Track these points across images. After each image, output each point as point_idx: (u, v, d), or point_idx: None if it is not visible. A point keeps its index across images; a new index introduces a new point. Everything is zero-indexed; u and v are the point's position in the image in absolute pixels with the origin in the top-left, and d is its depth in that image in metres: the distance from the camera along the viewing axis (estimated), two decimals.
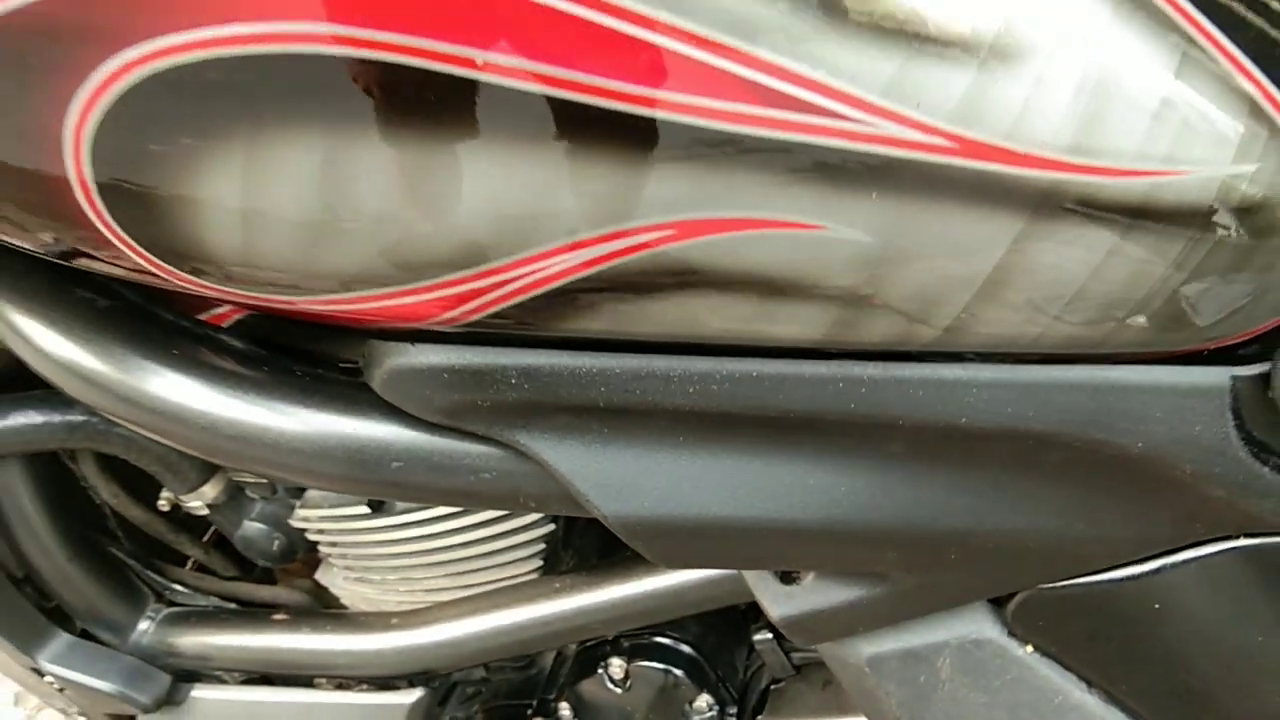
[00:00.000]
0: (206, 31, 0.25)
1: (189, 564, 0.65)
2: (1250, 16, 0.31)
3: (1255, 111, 0.31)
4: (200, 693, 0.60)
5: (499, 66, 0.26)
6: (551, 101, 0.27)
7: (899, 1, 0.27)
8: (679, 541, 0.38)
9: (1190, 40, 0.29)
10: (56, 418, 0.50)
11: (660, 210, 0.29)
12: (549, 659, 0.60)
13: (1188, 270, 0.33)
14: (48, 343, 0.39)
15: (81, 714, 0.65)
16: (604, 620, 0.50)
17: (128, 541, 0.62)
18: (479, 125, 0.27)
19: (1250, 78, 0.30)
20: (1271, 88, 0.31)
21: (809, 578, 0.43)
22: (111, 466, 0.57)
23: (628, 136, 0.27)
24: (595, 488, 0.36)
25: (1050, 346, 0.35)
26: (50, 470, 0.57)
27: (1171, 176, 0.30)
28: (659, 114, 0.27)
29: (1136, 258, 0.32)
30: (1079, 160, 0.29)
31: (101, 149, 0.28)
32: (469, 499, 0.40)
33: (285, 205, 0.29)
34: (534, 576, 0.54)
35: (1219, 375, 0.37)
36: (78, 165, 0.28)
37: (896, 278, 0.31)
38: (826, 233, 0.30)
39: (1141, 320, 0.34)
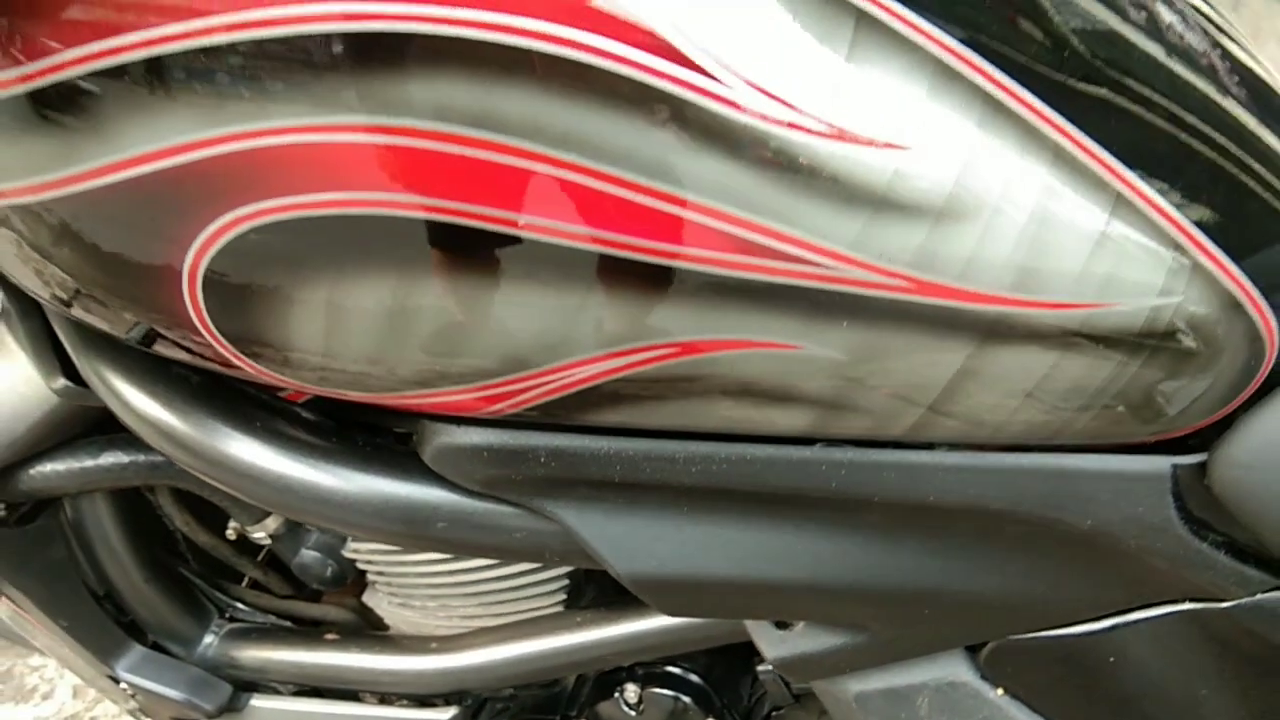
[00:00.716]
0: (300, 198, 0.31)
1: (244, 581, 0.72)
2: (1175, 178, 0.36)
3: (1178, 252, 0.36)
4: (258, 702, 0.67)
5: (537, 227, 0.32)
6: (582, 254, 0.33)
7: (865, 176, 0.32)
8: (683, 595, 0.44)
9: (1119, 195, 0.35)
10: (141, 458, 0.57)
11: (668, 333, 0.35)
12: (571, 679, 0.66)
13: (1122, 382, 0.38)
14: (148, 410, 0.45)
15: (145, 714, 0.72)
16: (619, 652, 0.56)
17: (195, 563, 0.69)
18: (522, 271, 0.33)
19: (1174, 223, 0.36)
20: (1193, 230, 0.36)
21: (800, 625, 0.49)
22: (184, 498, 0.64)
23: (645, 279, 0.33)
24: (611, 549, 0.42)
25: (1006, 438, 0.40)
26: (130, 500, 0.64)
27: (1104, 308, 0.36)
28: (672, 263, 0.33)
29: (1076, 372, 0.37)
30: (1020, 296, 0.35)
31: (211, 279, 0.34)
32: (503, 554, 0.47)
33: (358, 329, 0.35)
34: (558, 609, 0.60)
35: (1161, 463, 0.42)
36: (192, 290, 0.34)
37: (865, 387, 0.37)
38: (804, 351, 0.35)
39: (1087, 419, 0.39)
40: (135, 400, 0.46)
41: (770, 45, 0.31)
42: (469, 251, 0.33)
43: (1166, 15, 0.44)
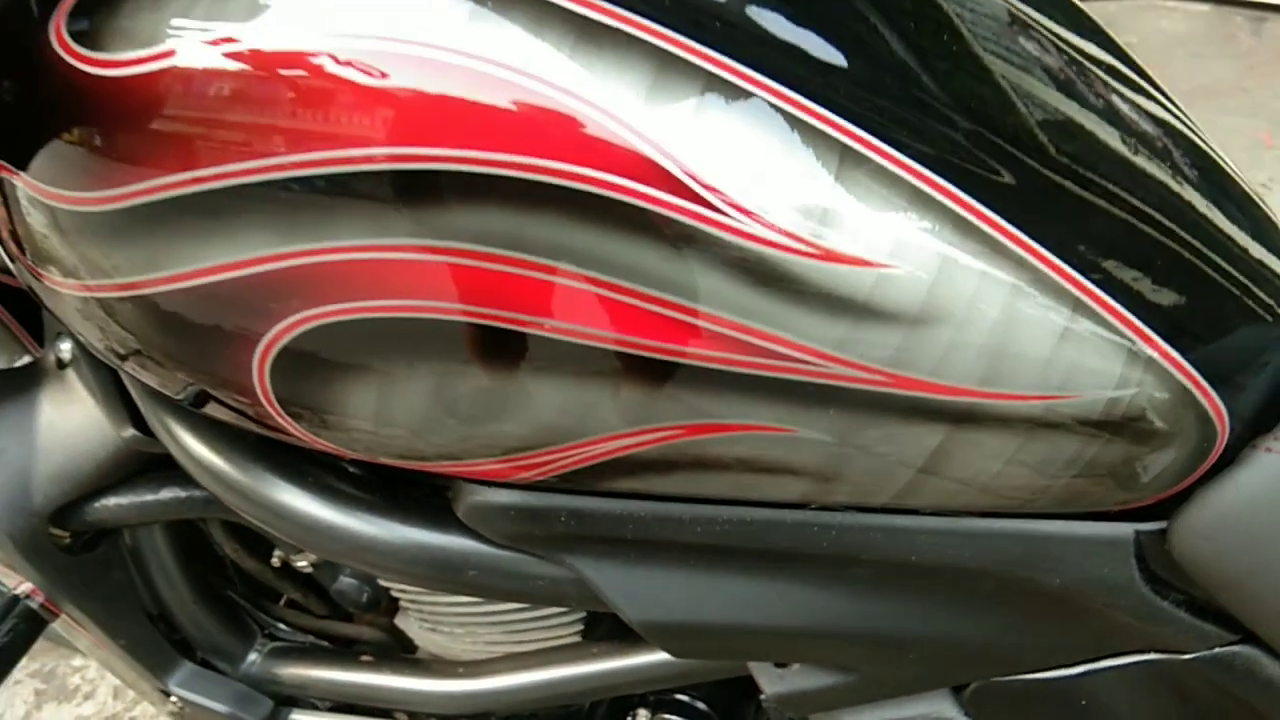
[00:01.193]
0: (358, 303, 0.36)
1: (281, 600, 0.77)
2: (1128, 280, 0.40)
3: (1133, 348, 0.40)
4: (297, 717, 0.72)
5: (561, 329, 0.37)
6: (600, 351, 0.37)
7: (848, 289, 0.37)
8: (688, 639, 0.49)
9: (1077, 300, 0.39)
10: (196, 494, 0.62)
11: (675, 418, 0.39)
12: (587, 703, 0.71)
13: (1084, 461, 0.42)
14: (210, 461, 0.50)
15: None
16: (631, 682, 0.60)
17: (241, 586, 0.74)
18: (548, 365, 0.38)
19: (1128, 324, 0.40)
20: (1145, 329, 0.40)
21: (796, 665, 0.53)
22: (233, 528, 0.69)
23: (655, 373, 0.38)
24: (624, 598, 0.47)
25: (981, 506, 0.45)
26: (183, 529, 0.69)
27: (1065, 399, 0.40)
28: (679, 360, 0.38)
29: (1041, 453, 0.42)
30: (988, 389, 0.39)
31: (278, 365, 0.39)
32: (526, 599, 0.51)
33: (405, 409, 0.40)
34: (576, 640, 0.64)
35: (1124, 530, 0.46)
36: (261, 374, 0.39)
37: (850, 464, 0.41)
38: (796, 434, 0.40)
39: (1054, 491, 0.44)
40: (198, 451, 0.51)
41: (764, 177, 0.36)
42: (503, 348, 0.37)
43: (1120, 101, 0.48)
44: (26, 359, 0.88)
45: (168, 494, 0.63)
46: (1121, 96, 0.49)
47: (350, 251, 0.36)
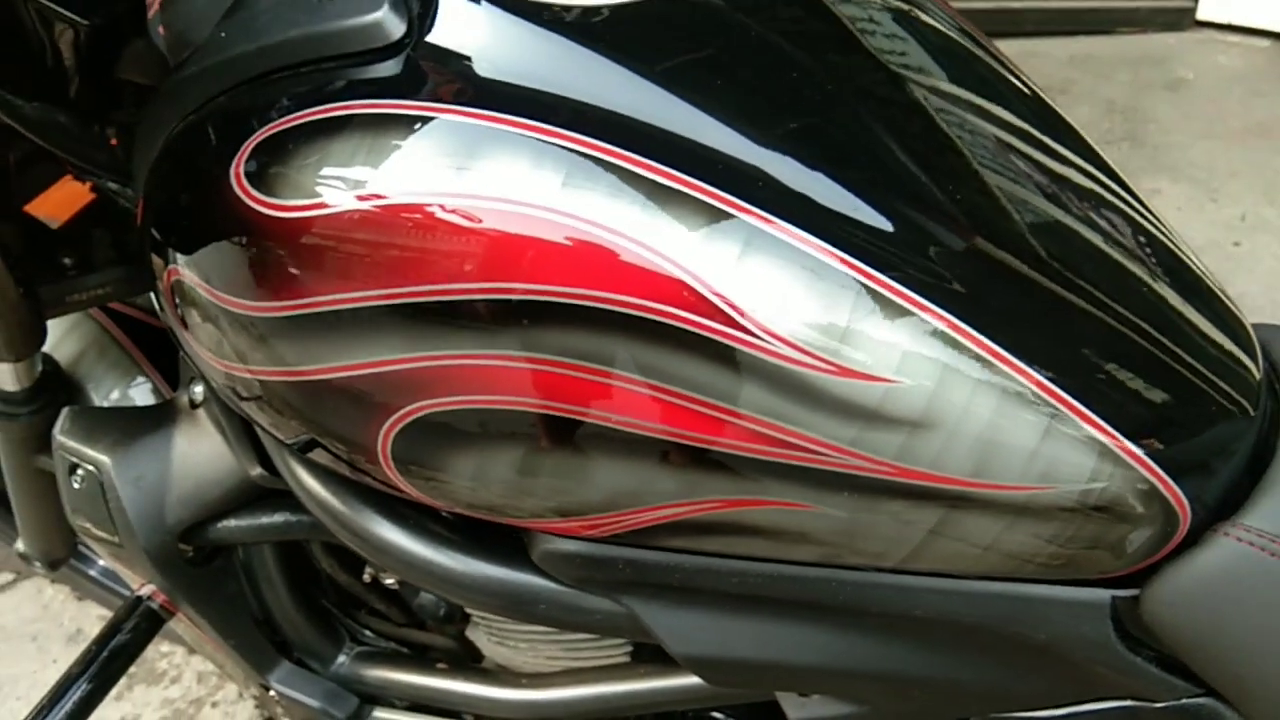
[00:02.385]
0: (464, 397, 0.46)
1: (368, 610, 0.87)
2: (1103, 389, 0.48)
3: (1104, 448, 0.48)
4: (379, 714, 0.82)
5: (623, 423, 0.46)
6: (653, 440, 0.46)
7: (862, 399, 0.45)
8: (723, 671, 0.57)
9: (1055, 410, 0.47)
10: (304, 519, 0.72)
11: (714, 493, 0.48)
12: (634, 717, 0.80)
13: (1062, 540, 0.50)
14: (327, 499, 0.60)
15: (287, 716, 0.87)
16: (674, 699, 0.69)
17: (335, 596, 0.85)
18: (612, 449, 0.46)
19: (1099, 428, 0.47)
20: (1115, 433, 0.48)
21: (816, 695, 0.61)
22: (332, 547, 0.79)
23: (698, 458, 0.46)
24: (668, 634, 0.56)
25: (976, 571, 0.52)
26: (288, 546, 0.80)
27: (1044, 490, 0.48)
28: (718, 449, 0.46)
29: (1026, 532, 0.49)
30: (977, 480, 0.47)
31: (398, 438, 0.49)
32: (587, 630, 0.60)
33: (497, 478, 0.49)
34: (626, 660, 0.73)
35: (1102, 595, 0.53)
36: (384, 444, 0.49)
37: (860, 535, 0.49)
38: (816, 510, 0.48)
39: (1037, 563, 0.51)
40: (317, 491, 0.61)
41: (791, 308, 0.44)
42: (575, 434, 0.46)
43: (1099, 206, 0.55)
44: (140, 379, 1.00)
45: (280, 518, 0.73)
46: (1101, 201, 0.56)
47: (458, 359, 0.45)
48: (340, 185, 0.45)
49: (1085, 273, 0.50)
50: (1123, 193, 0.58)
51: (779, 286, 0.44)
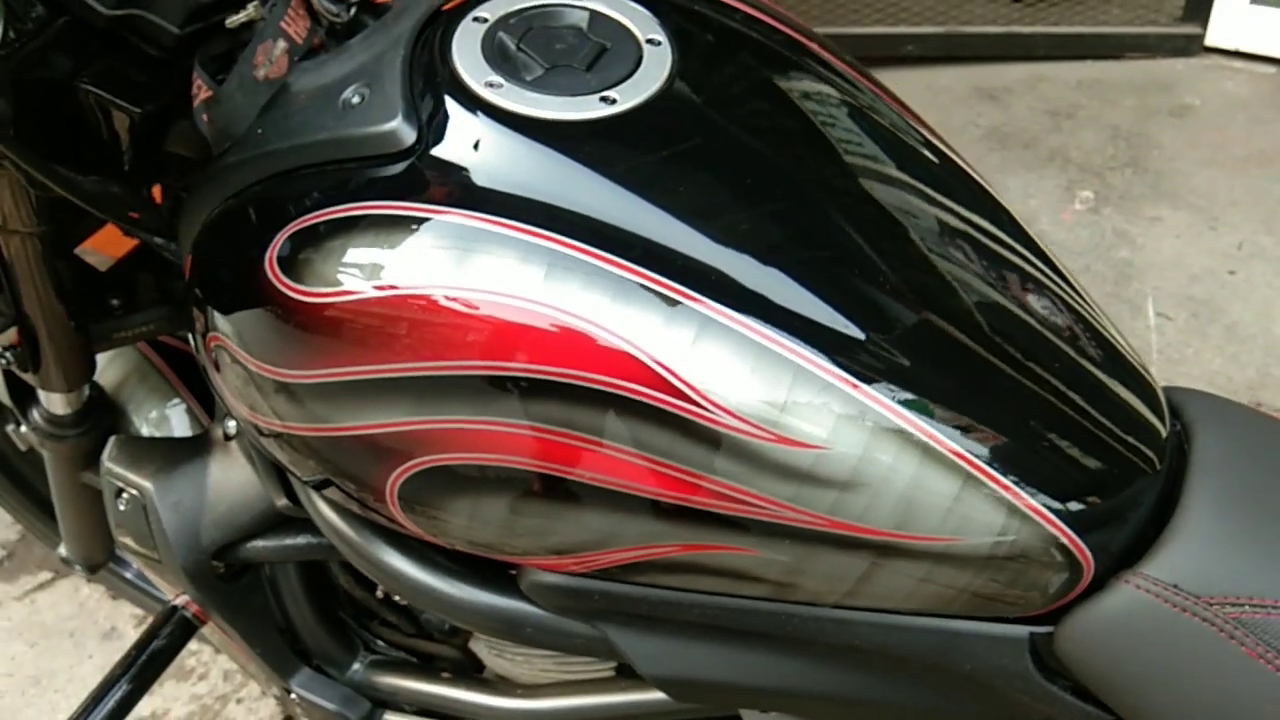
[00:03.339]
0: (462, 455, 0.54)
1: (382, 620, 0.96)
2: (1014, 454, 0.55)
3: (1011, 506, 0.55)
4: (390, 717, 0.90)
5: (597, 480, 0.53)
6: (625, 495, 0.54)
7: (796, 462, 0.53)
8: (687, 689, 0.65)
9: (968, 474, 0.54)
10: (325, 541, 0.80)
11: (672, 538, 0.56)
12: None
13: (978, 585, 0.57)
14: (342, 529, 0.68)
15: (306, 717, 0.96)
16: (651, 713, 0.77)
17: (351, 609, 0.93)
18: (588, 501, 0.54)
19: (1007, 489, 0.54)
20: (1023, 493, 0.55)
21: (774, 712, 0.69)
22: (348, 565, 0.87)
23: (661, 509, 0.54)
24: (639, 657, 0.63)
25: (907, 608, 0.60)
26: (309, 564, 0.88)
27: (958, 541, 0.55)
28: (677, 502, 0.54)
29: (946, 576, 0.56)
30: (900, 531, 0.54)
31: (405, 485, 0.57)
32: (568, 651, 0.68)
33: (488, 523, 0.57)
34: (611, 674, 0.81)
35: (1021, 631, 0.60)
36: (392, 491, 0.57)
37: (801, 576, 0.57)
38: (761, 555, 0.56)
39: (959, 603, 0.58)
40: (334, 522, 0.69)
41: (737, 385, 0.52)
42: (556, 488, 0.54)
43: (1022, 279, 0.62)
44: (177, 403, 1.08)
45: (302, 541, 0.81)
46: (1026, 276, 0.63)
47: (457, 423, 0.53)
48: (357, 276, 0.53)
49: (1007, 343, 0.58)
50: (1047, 268, 0.65)
51: (726, 366, 0.52)
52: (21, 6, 0.59)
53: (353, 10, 0.65)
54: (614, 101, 0.57)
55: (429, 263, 0.52)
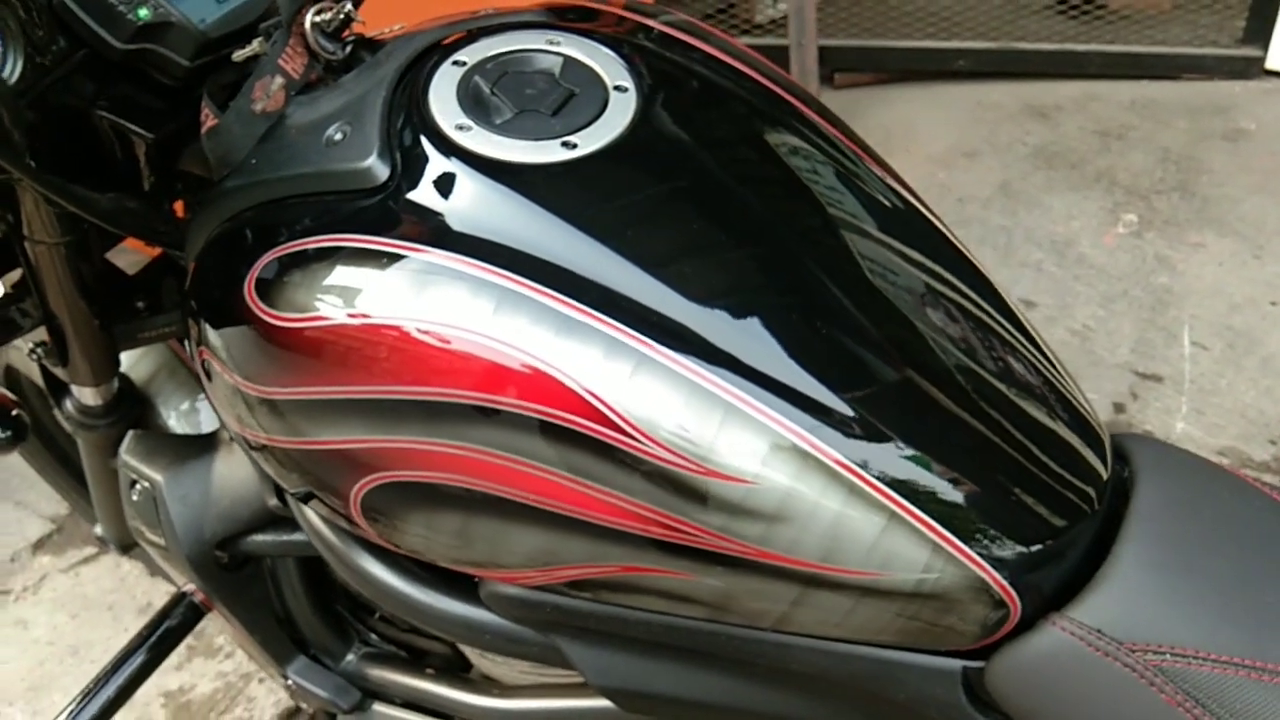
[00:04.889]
0: (414, 472, 0.58)
1: (375, 615, 1.00)
2: (938, 495, 0.57)
3: (937, 547, 0.57)
4: (378, 708, 0.95)
5: (538, 501, 0.57)
6: (565, 518, 0.57)
7: (727, 495, 0.55)
8: (635, 701, 0.68)
9: (893, 512, 0.56)
10: None
11: (613, 560, 0.59)
12: None
13: (905, 618, 0.59)
14: (322, 532, 0.73)
15: (299, 702, 1.01)
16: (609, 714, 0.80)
17: (347, 602, 0.98)
18: (535, 521, 0.58)
19: (933, 530, 0.57)
20: (946, 532, 0.57)
21: None
22: None
23: (602, 533, 0.57)
24: (587, 667, 0.67)
25: (840, 636, 0.62)
26: (308, 558, 0.93)
27: (884, 576, 0.57)
28: (616, 528, 0.57)
29: (873, 608, 0.59)
30: (828, 564, 0.57)
31: (366, 496, 0.61)
32: (525, 658, 0.72)
33: (442, 535, 0.61)
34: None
35: (954, 664, 0.62)
36: (355, 498, 0.61)
37: (735, 601, 0.60)
38: (694, 579, 0.59)
39: (889, 633, 0.61)
40: (315, 525, 0.74)
41: (670, 420, 0.55)
42: (500, 508, 0.58)
43: (978, 327, 0.64)
44: (202, 398, 1.14)
45: (299, 537, 0.86)
46: (980, 324, 0.65)
47: (409, 443, 0.57)
48: (321, 303, 0.57)
49: (943, 384, 0.60)
50: (997, 313, 0.67)
51: (659, 401, 0.55)
52: (43, 40, 0.64)
53: (348, 49, 0.69)
54: (574, 146, 0.60)
55: (383, 294, 0.56)
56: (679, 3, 3.21)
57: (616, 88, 0.63)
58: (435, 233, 0.57)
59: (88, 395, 0.97)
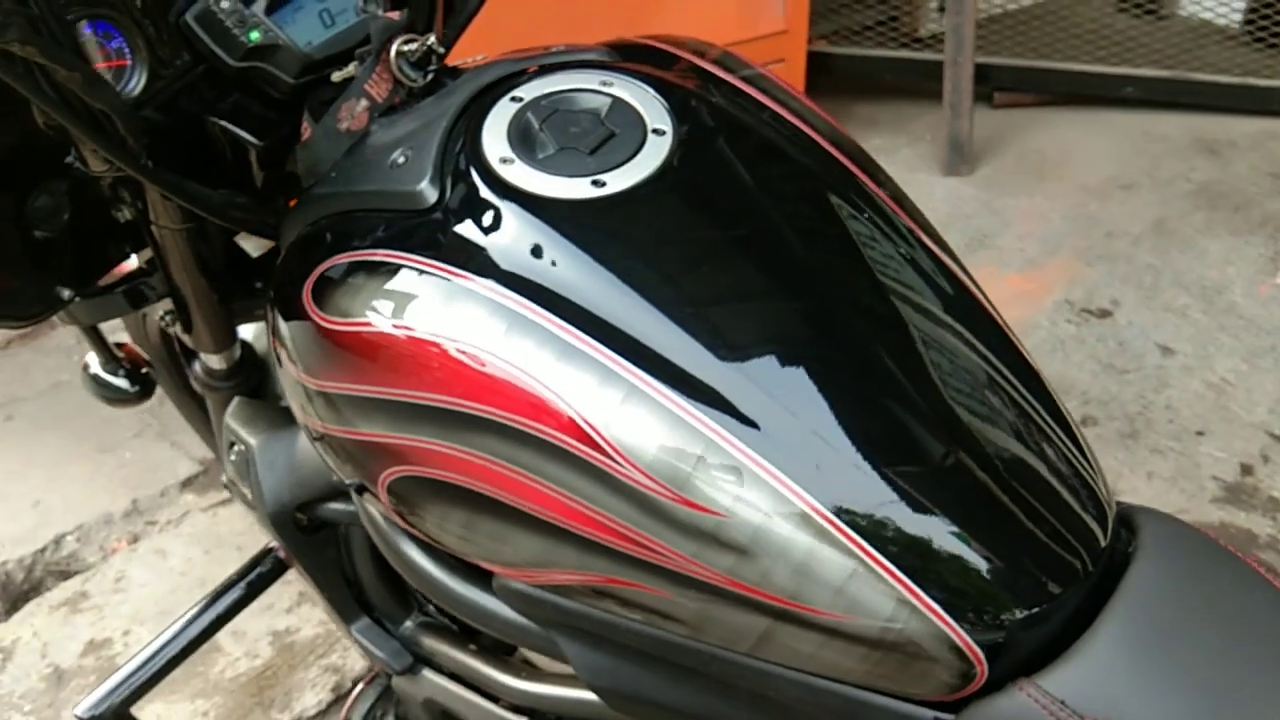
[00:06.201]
0: (427, 469, 0.64)
1: None
2: (911, 548, 0.59)
3: (903, 598, 0.59)
4: (426, 674, 1.03)
5: (533, 510, 0.62)
6: (554, 526, 0.62)
7: (699, 524, 0.59)
8: (624, 703, 0.73)
9: (862, 560, 0.59)
10: None
11: (599, 570, 0.63)
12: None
13: (871, 663, 0.61)
14: (375, 519, 0.81)
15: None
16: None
17: None
18: (530, 527, 0.63)
19: (900, 582, 0.59)
20: (915, 587, 0.59)
21: None
22: None
23: (586, 544, 0.62)
24: (581, 665, 0.71)
25: (815, 671, 0.64)
26: None
27: (849, 620, 0.60)
28: (597, 541, 0.62)
29: (841, 648, 0.61)
30: (796, 602, 0.60)
31: (390, 485, 0.68)
32: (531, 649, 0.78)
33: (451, 526, 0.67)
34: None
35: (926, 713, 0.64)
36: (383, 486, 0.68)
37: (711, 623, 0.63)
38: (672, 598, 0.63)
39: (858, 674, 0.63)
40: (362, 503, 0.81)
41: (652, 447, 0.59)
42: (497, 510, 0.64)
43: (995, 378, 0.65)
44: None
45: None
46: (996, 385, 0.66)
47: (424, 443, 0.64)
48: (362, 311, 0.64)
49: (933, 435, 0.61)
50: (1006, 367, 0.67)
51: (644, 429, 0.59)
52: (168, 56, 0.74)
53: (429, 76, 0.76)
54: (603, 185, 0.65)
55: (408, 307, 0.63)
56: (835, 13, 3.19)
57: (655, 130, 0.68)
58: (465, 256, 0.63)
59: (212, 360, 1.08)
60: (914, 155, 2.90)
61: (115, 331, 1.15)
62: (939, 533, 0.60)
